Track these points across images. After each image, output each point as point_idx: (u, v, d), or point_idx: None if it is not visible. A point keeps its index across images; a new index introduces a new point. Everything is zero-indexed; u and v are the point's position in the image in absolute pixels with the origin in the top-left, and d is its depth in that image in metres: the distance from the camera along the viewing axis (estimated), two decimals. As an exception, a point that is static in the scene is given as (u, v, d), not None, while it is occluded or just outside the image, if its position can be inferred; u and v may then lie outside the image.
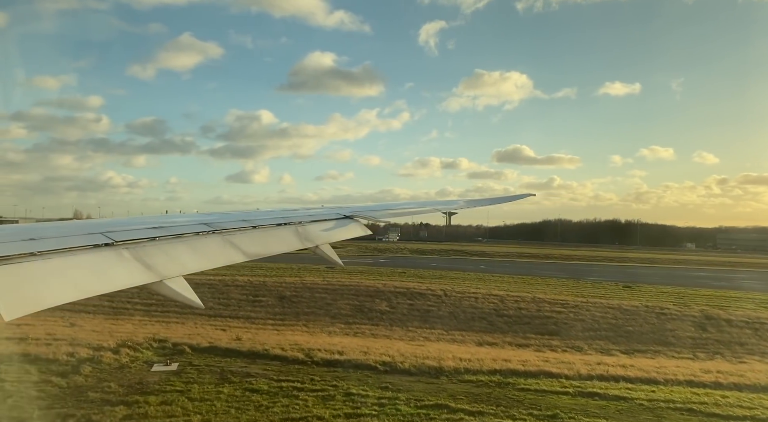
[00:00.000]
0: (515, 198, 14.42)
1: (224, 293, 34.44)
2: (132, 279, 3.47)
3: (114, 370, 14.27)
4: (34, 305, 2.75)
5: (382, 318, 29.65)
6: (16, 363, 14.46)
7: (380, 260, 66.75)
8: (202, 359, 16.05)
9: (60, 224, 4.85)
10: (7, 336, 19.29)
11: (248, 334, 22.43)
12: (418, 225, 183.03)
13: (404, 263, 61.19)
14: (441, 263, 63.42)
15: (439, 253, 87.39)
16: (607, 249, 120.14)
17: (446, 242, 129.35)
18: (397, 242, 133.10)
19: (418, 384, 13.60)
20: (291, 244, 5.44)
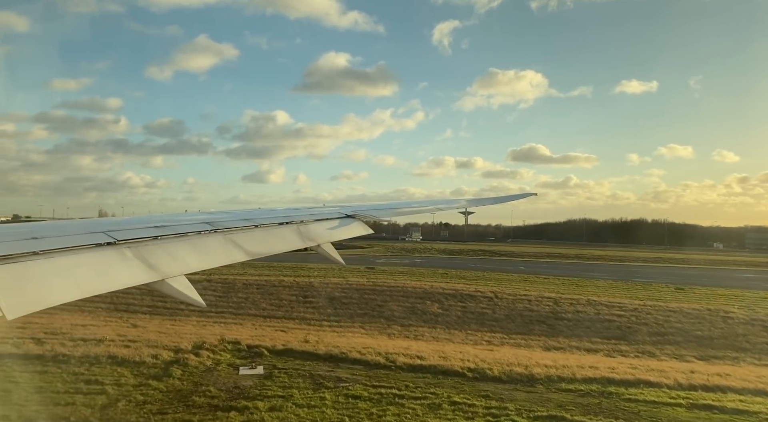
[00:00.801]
0: (517, 197, 14.34)
1: (274, 294, 34.52)
2: (134, 278, 3.45)
3: (203, 373, 14.17)
4: (36, 305, 2.71)
5: (437, 320, 29.13)
6: (106, 364, 14.51)
7: (416, 260, 66.18)
8: (283, 362, 15.85)
9: (62, 223, 4.82)
10: (82, 336, 19.55)
11: (312, 336, 22.21)
12: (438, 225, 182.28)
13: (441, 264, 60.48)
14: (479, 264, 62.45)
15: (468, 253, 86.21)
16: (637, 249, 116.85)
17: (470, 242, 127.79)
18: (420, 241, 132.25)
19: (516, 392, 13.05)
20: (293, 243, 5.42)
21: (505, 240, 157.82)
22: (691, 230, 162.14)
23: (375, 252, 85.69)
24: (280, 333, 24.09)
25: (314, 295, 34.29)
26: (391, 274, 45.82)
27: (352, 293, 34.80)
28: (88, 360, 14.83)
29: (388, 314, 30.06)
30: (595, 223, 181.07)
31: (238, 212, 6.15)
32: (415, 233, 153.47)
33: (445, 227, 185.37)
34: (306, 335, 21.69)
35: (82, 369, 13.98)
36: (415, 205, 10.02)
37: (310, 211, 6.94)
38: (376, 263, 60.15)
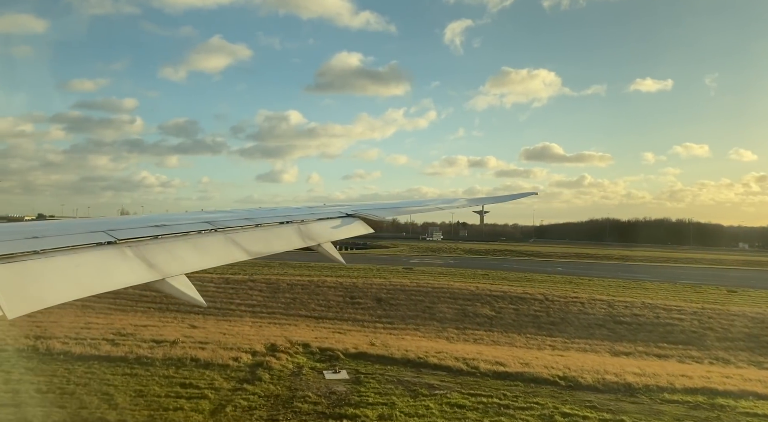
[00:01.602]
0: (517, 196, 14.17)
1: (320, 295, 34.38)
2: (135, 277, 3.43)
3: (290, 377, 13.94)
4: (37, 304, 2.70)
5: (491, 323, 28.53)
6: (192, 367, 14.42)
7: (449, 261, 65.47)
8: (363, 366, 15.53)
9: (63, 223, 4.76)
10: (151, 337, 19.63)
11: (376, 339, 21.90)
12: (456, 224, 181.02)
13: (475, 265, 59.62)
14: (514, 265, 61.36)
15: (494, 253, 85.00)
16: (664, 249, 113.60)
17: (492, 242, 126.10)
18: (441, 241, 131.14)
19: (621, 403, 12.43)
20: (293, 242, 5.40)
21: (527, 240, 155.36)
22: (715, 229, 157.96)
23: (401, 252, 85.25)
24: (338, 334, 23.85)
25: (361, 296, 34.03)
26: (432, 275, 45.28)
27: (397, 294, 34.42)
28: (172, 363, 14.78)
29: (439, 316, 29.59)
30: (618, 222, 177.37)
31: (238, 212, 6.12)
32: (435, 233, 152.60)
33: (463, 226, 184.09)
34: (371, 338, 21.39)
35: (170, 372, 13.92)
36: (416, 204, 10.09)
37: (310, 210, 6.88)
38: (410, 263, 59.69)
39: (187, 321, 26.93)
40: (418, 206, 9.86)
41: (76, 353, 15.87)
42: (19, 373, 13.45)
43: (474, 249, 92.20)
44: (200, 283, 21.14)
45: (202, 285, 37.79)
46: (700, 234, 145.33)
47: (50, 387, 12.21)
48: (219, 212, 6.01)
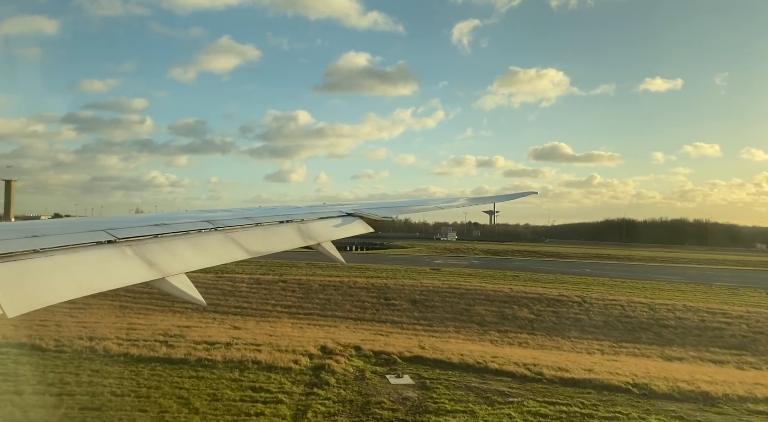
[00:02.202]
0: (517, 196, 14.22)
1: (353, 296, 34.22)
2: (134, 276, 3.42)
3: (355, 381, 13.72)
4: (36, 302, 2.69)
5: (533, 326, 28.05)
6: (255, 370, 14.29)
7: (473, 261, 64.87)
8: (423, 371, 15.25)
9: (63, 222, 4.79)
10: (201, 338, 19.61)
11: (420, 341, 21.61)
12: (468, 224, 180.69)
13: (500, 266, 58.95)
14: (540, 266, 60.52)
15: (513, 254, 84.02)
16: (685, 250, 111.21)
17: (507, 242, 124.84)
18: (456, 241, 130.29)
19: (707, 413, 11.96)
20: (293, 241, 5.40)
21: (542, 240, 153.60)
22: (732, 230, 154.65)
23: (419, 252, 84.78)
24: (381, 337, 23.63)
25: (394, 297, 33.77)
26: (461, 276, 44.83)
27: (431, 296, 34.08)
28: (234, 365, 14.67)
29: (478, 319, 29.18)
30: (633, 222, 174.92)
31: (238, 211, 6.11)
32: (450, 233, 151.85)
33: (474, 226, 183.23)
34: (417, 341, 21.12)
35: (236, 375, 13.81)
36: (416, 204, 10.08)
37: (310, 209, 6.87)
38: (435, 264, 59.28)
39: (227, 321, 26.93)
40: (418, 206, 9.86)
41: (134, 354, 15.89)
42: (87, 375, 13.45)
43: (492, 250, 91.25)
44: (232, 283, 21.35)
45: (234, 285, 37.92)
46: (717, 235, 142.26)
47: (123, 389, 12.17)
48: (219, 211, 6.02)
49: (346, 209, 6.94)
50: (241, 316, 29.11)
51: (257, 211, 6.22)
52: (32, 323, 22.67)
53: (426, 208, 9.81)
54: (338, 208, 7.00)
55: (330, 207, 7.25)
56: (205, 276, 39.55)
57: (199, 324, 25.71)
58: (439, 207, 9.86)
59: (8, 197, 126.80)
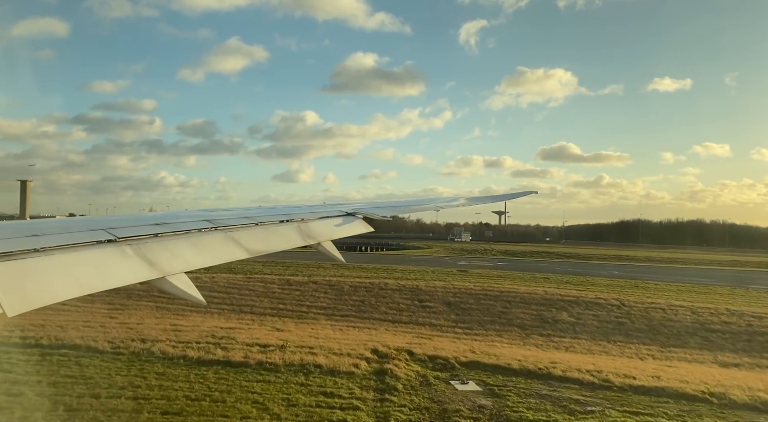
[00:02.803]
0: (517, 196, 14.29)
1: (386, 297, 33.98)
2: (134, 275, 3.42)
3: (422, 387, 13.48)
4: (36, 301, 2.69)
5: (575, 330, 27.53)
6: (319, 374, 14.13)
7: (497, 263, 64.23)
8: (485, 376, 14.94)
9: (63, 221, 4.83)
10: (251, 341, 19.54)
11: (467, 345, 21.31)
12: (479, 225, 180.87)
13: (526, 267, 58.21)
14: (567, 268, 59.66)
15: (532, 255, 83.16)
16: (703, 251, 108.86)
17: (522, 243, 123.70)
18: (470, 242, 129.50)
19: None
20: (293, 241, 5.40)
21: (558, 241, 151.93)
22: (749, 231, 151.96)
23: (437, 253, 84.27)
24: (425, 340, 23.35)
25: (428, 299, 33.46)
26: (490, 278, 44.34)
27: (466, 298, 33.70)
28: (296, 369, 14.52)
29: (518, 322, 28.75)
30: (648, 223, 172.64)
31: (238, 210, 6.13)
32: (464, 234, 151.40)
33: (486, 227, 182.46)
34: (463, 344, 20.85)
35: (301, 379, 13.66)
36: (416, 203, 10.12)
37: (310, 209, 6.89)
38: (459, 264, 58.82)
39: (267, 323, 26.91)
40: (418, 206, 9.88)
41: (192, 357, 15.84)
42: (154, 378, 13.42)
43: (510, 251, 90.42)
44: (263, 284, 21.11)
45: (266, 287, 37.97)
46: (734, 236, 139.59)
47: (196, 393, 12.09)
48: (219, 211, 6.03)
49: (346, 208, 6.94)
50: (279, 317, 29.07)
51: (257, 210, 6.22)
52: (77, 324, 22.88)
53: (426, 208, 9.81)
54: (338, 208, 7.00)
55: (330, 207, 7.23)
56: (235, 277, 39.73)
57: (240, 325, 25.70)
58: (439, 207, 9.86)
59: (24, 197, 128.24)
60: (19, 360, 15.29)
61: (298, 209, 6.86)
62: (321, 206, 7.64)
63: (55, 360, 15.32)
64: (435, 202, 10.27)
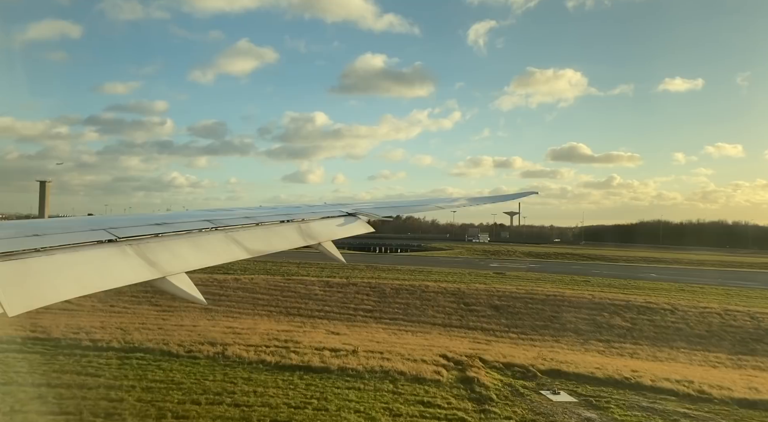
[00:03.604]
0: (517, 196, 13.98)
1: (431, 300, 33.61)
2: (135, 275, 3.43)
3: (516, 398, 13.13)
4: (37, 301, 2.71)
5: (632, 335, 26.81)
6: (407, 382, 13.86)
7: (530, 265, 63.35)
8: (573, 386, 14.52)
9: (64, 220, 4.79)
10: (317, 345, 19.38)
11: (533, 351, 20.86)
12: (493, 225, 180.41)
13: (561, 269, 57.24)
14: (603, 271, 58.47)
15: (556, 257, 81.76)
16: (730, 253, 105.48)
17: (542, 244, 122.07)
18: (489, 243, 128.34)
19: None
20: (293, 241, 5.40)
21: (578, 242, 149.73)
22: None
23: (460, 254, 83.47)
24: (484, 345, 22.97)
25: (473, 303, 33.00)
26: (530, 280, 43.60)
27: (512, 301, 33.14)
28: (381, 376, 14.28)
29: (572, 327, 28.13)
30: (668, 224, 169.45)
31: (239, 210, 6.15)
32: (482, 235, 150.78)
33: (500, 227, 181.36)
34: (526, 350, 20.42)
35: (390, 386, 13.42)
36: (416, 204, 10.26)
37: (311, 209, 6.92)
38: (490, 266, 58.12)
39: (319, 326, 26.78)
40: (418, 206, 9.99)
41: (269, 361, 15.73)
42: (243, 383, 13.31)
43: (533, 252, 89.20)
44: (304, 286, 20.77)
45: (307, 289, 37.88)
46: (757, 237, 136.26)
47: (295, 401, 11.92)
48: (219, 211, 6.08)
49: (347, 209, 6.96)
50: (328, 320, 28.94)
51: (258, 210, 6.24)
52: (135, 326, 23.04)
53: (426, 208, 9.87)
54: (338, 208, 7.01)
55: (330, 207, 7.25)
56: (274, 279, 39.81)
57: (293, 328, 25.60)
58: (439, 207, 9.90)
59: (43, 197, 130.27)
60: (100, 364, 15.37)
61: (299, 209, 6.88)
62: (321, 206, 7.64)
63: (136, 364, 15.36)
64: (436, 202, 10.27)
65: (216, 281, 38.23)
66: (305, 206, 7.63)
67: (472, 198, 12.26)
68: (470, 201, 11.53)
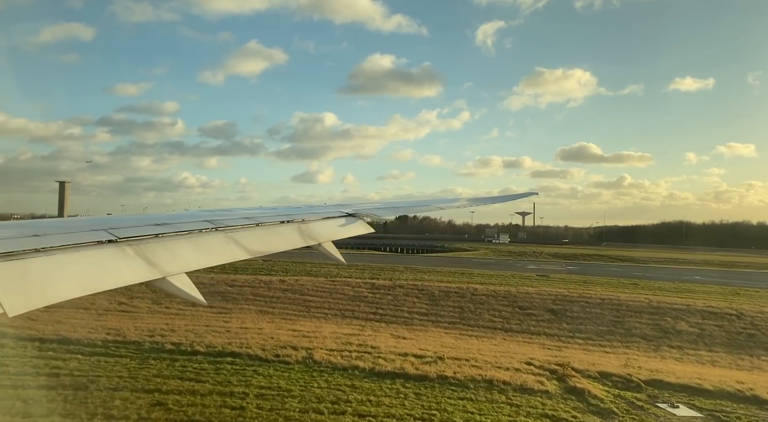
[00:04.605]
0: (518, 197, 13.95)
1: (484, 304, 33.08)
2: (135, 276, 3.43)
3: (637, 412, 12.62)
4: (37, 301, 2.72)
5: (704, 341, 25.94)
6: (515, 392, 13.46)
7: (567, 267, 62.29)
8: (685, 398, 13.94)
9: (64, 221, 4.88)
10: (395, 350, 19.10)
11: (616, 359, 20.25)
12: (508, 226, 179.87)
13: (602, 272, 55.98)
14: (645, 273, 57.11)
15: (584, 258, 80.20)
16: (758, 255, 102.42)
17: (564, 245, 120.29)
18: (509, 243, 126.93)
19: None
20: (294, 242, 5.38)
21: (597, 243, 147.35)
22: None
23: (486, 255, 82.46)
24: (554, 351, 22.43)
25: (528, 307, 32.37)
26: (575, 283, 42.75)
27: (568, 305, 32.43)
28: (487, 386, 13.91)
29: (637, 332, 27.36)
30: (690, 225, 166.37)
31: (239, 211, 6.11)
32: (502, 235, 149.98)
33: (516, 228, 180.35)
34: (625, 359, 19.83)
35: (500, 397, 13.04)
36: (416, 204, 10.31)
37: (311, 209, 6.89)
38: (528, 269, 57.25)
39: (380, 329, 26.49)
40: (419, 207, 9.98)
41: (364, 368, 15.47)
42: (351, 391, 13.06)
43: (560, 254, 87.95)
44: (351, 287, 20.32)
45: (355, 290, 37.65)
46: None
47: (416, 412, 11.62)
48: (220, 211, 6.05)
49: (347, 209, 6.96)
50: (386, 323, 28.67)
51: (258, 211, 6.21)
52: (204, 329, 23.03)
53: (427, 209, 9.81)
54: (339, 208, 6.99)
55: (331, 207, 7.22)
56: (318, 280, 39.72)
57: (356, 331, 25.32)
58: (439, 208, 9.90)
59: (62, 198, 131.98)
60: (196, 368, 15.29)
61: (299, 209, 6.84)
62: (322, 206, 7.61)
63: (232, 369, 15.26)
64: (436, 203, 10.25)
65: (262, 282, 38.35)
66: (305, 206, 7.59)
67: (471, 199, 12.08)
68: (470, 201, 11.42)
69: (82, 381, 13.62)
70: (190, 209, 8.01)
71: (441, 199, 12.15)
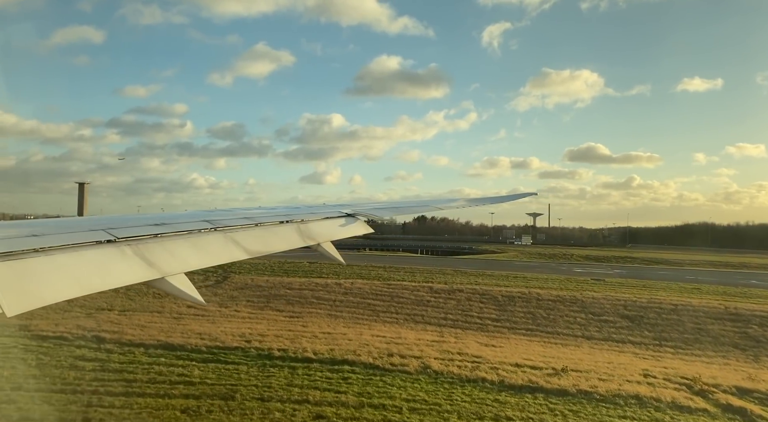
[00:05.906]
0: (517, 197, 14.11)
1: (554, 310, 32.35)
2: (134, 276, 3.45)
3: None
4: (36, 301, 2.73)
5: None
6: (661, 410, 12.90)
7: (614, 270, 60.99)
8: None
9: (63, 221, 5.16)
10: (507, 360, 18.63)
11: (731, 373, 19.48)
12: (524, 227, 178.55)
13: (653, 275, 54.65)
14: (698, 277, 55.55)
15: (616, 260, 78.21)
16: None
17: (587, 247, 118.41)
18: (531, 245, 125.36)
19: None
20: (293, 242, 5.42)
21: (623, 245, 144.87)
22: None
23: (516, 257, 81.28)
24: (653, 361, 21.78)
25: (601, 313, 31.58)
26: (635, 287, 41.70)
27: (642, 311, 31.53)
28: (638, 403, 13.38)
29: (727, 341, 26.44)
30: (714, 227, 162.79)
31: (238, 211, 6.12)
32: (524, 237, 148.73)
33: (533, 229, 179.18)
34: (746, 372, 19.13)
35: (659, 416, 12.50)
36: (416, 204, 10.26)
37: (310, 210, 6.90)
38: (575, 272, 56.17)
39: (459, 336, 25.94)
40: (418, 207, 9.95)
41: (492, 380, 15.09)
42: (499, 405, 12.65)
43: (591, 256, 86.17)
44: (410, 292, 19.59)
45: (416, 295, 37.22)
46: None
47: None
48: (219, 211, 6.07)
49: (347, 209, 7.00)
50: (461, 330, 28.21)
51: (258, 211, 6.22)
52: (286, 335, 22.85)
53: (426, 209, 9.80)
54: (338, 208, 7.01)
55: (330, 208, 7.25)
56: (373, 284, 39.41)
57: (437, 337, 24.86)
58: (438, 208, 9.92)
59: (82, 199, 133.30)
60: (320, 377, 15.05)
61: (298, 210, 6.87)
62: (321, 207, 7.65)
63: (356, 378, 14.98)
64: (435, 203, 10.33)
65: (319, 285, 38.18)
66: (305, 206, 7.61)
67: (471, 199, 12.17)
68: (469, 202, 11.49)
69: (221, 390, 13.48)
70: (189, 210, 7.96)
71: (440, 199, 12.27)
